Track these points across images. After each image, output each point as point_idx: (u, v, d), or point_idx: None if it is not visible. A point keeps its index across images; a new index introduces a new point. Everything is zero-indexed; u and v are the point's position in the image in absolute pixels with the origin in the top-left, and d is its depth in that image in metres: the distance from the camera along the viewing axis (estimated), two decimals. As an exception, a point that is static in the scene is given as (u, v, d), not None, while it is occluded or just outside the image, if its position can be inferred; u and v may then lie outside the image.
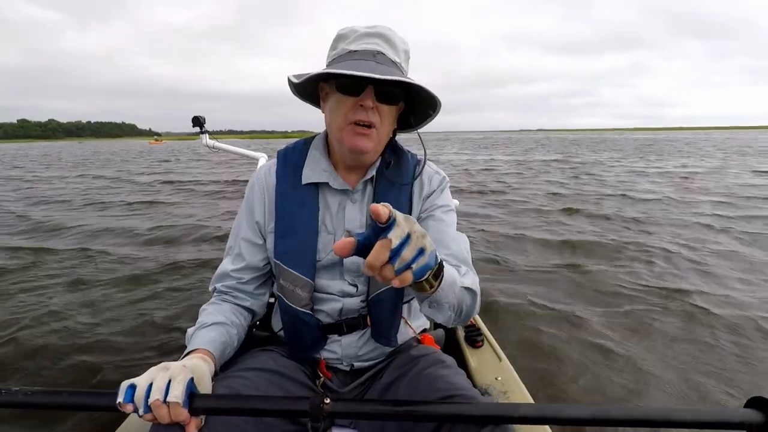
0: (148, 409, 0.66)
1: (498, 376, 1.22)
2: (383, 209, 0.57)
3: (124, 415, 0.98)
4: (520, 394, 1.14)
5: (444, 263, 0.74)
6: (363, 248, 0.59)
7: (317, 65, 0.91)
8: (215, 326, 0.90)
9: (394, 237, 0.57)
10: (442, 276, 0.73)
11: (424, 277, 0.67)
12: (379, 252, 0.56)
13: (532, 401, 1.14)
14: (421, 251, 0.61)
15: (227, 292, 1.00)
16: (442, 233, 0.97)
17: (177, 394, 0.66)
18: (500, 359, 1.32)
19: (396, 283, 0.59)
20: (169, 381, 0.67)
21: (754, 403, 0.67)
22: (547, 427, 0.96)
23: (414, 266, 0.60)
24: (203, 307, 0.97)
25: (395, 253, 0.57)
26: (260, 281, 1.03)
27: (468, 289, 0.85)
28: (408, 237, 0.59)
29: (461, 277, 0.86)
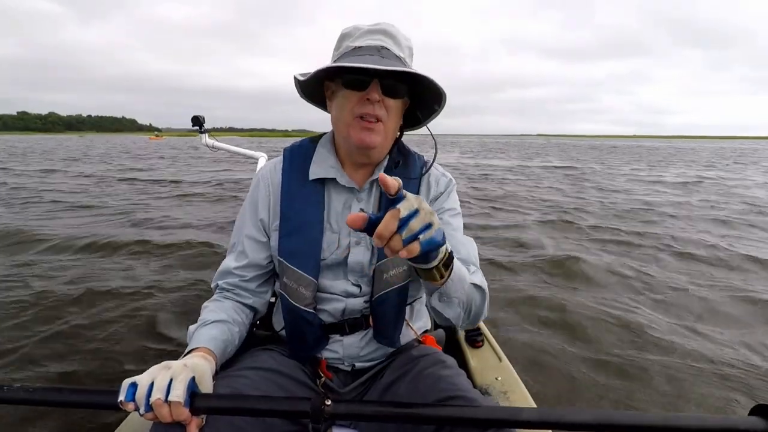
0: (149, 407, 0.66)
1: (498, 376, 1.22)
2: (392, 181, 0.59)
3: (125, 414, 0.97)
4: (520, 394, 1.14)
5: (454, 255, 0.75)
6: (374, 225, 0.61)
7: (318, 65, 0.91)
8: (217, 324, 0.89)
9: (403, 208, 0.60)
10: (452, 267, 0.74)
11: (434, 264, 0.69)
12: (388, 222, 0.59)
13: (532, 402, 1.14)
14: (428, 225, 0.62)
15: (229, 289, 0.99)
16: (451, 237, 0.97)
17: (178, 393, 0.66)
18: (500, 359, 1.31)
19: (404, 254, 0.60)
20: (171, 380, 0.67)
21: (758, 411, 0.67)
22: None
23: (421, 237, 0.61)
24: (205, 304, 0.97)
25: (403, 223, 0.59)
26: (263, 279, 1.02)
27: (477, 286, 0.86)
28: (416, 211, 0.61)
29: (471, 275, 0.86)
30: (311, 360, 1.02)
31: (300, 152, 1.01)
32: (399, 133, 1.01)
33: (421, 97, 0.96)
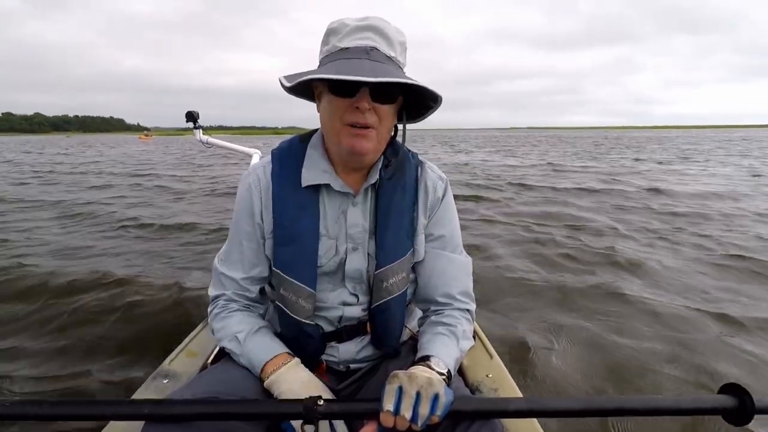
0: None
1: (489, 373, 1.22)
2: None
3: (104, 425, 0.94)
4: (510, 391, 1.15)
5: (450, 372, 0.83)
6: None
7: (313, 59, 0.87)
8: (264, 329, 0.96)
9: (405, 410, 0.66)
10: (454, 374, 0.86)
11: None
12: (399, 423, 0.67)
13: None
14: (435, 397, 0.68)
15: (237, 300, 0.97)
16: (451, 263, 0.99)
17: None
18: (491, 357, 1.32)
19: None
20: None
21: (727, 389, 0.72)
22: (535, 422, 0.98)
23: (438, 412, 0.68)
24: (220, 318, 0.96)
25: (413, 418, 0.67)
26: (263, 285, 1.01)
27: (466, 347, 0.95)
28: (417, 395, 0.68)
29: (461, 340, 0.93)
30: (309, 364, 1.00)
31: (289, 155, 0.96)
32: (393, 132, 0.96)
33: (416, 93, 0.89)
